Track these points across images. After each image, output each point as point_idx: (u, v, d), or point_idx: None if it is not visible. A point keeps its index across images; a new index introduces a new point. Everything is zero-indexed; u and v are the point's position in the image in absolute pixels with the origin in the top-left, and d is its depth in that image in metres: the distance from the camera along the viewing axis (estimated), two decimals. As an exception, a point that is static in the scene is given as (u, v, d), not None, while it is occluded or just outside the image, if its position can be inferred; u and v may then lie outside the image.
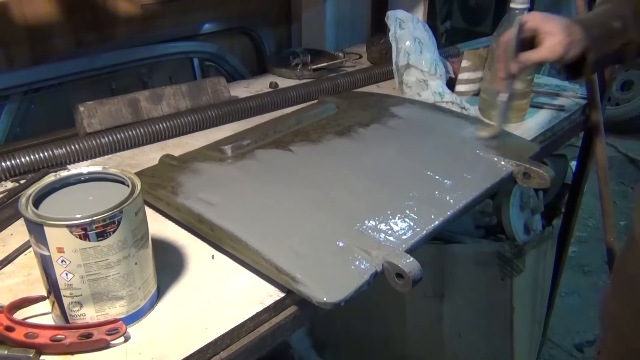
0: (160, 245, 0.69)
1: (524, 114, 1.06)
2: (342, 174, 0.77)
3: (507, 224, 1.27)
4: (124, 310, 0.55)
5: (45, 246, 0.50)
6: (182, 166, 0.79)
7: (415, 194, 0.74)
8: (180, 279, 0.63)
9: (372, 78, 1.22)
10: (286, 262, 0.60)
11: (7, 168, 0.81)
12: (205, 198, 0.70)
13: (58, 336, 0.53)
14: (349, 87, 1.17)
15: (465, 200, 0.74)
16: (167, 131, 0.95)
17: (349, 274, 0.59)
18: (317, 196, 0.72)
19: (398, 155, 0.83)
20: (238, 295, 0.61)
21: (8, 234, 0.72)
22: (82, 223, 0.49)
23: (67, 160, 0.86)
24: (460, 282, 1.27)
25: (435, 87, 1.08)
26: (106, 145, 0.90)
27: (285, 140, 0.86)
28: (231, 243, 0.64)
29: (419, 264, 0.59)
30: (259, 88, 1.18)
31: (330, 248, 0.63)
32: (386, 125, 0.92)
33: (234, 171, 0.78)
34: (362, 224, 0.67)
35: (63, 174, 0.57)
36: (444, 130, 0.92)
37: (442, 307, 1.30)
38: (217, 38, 1.31)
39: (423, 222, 0.69)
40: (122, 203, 0.52)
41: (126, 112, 0.94)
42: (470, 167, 0.81)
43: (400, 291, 0.60)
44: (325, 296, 0.56)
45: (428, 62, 1.08)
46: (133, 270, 0.55)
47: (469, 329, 1.31)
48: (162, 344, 0.54)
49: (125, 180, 0.56)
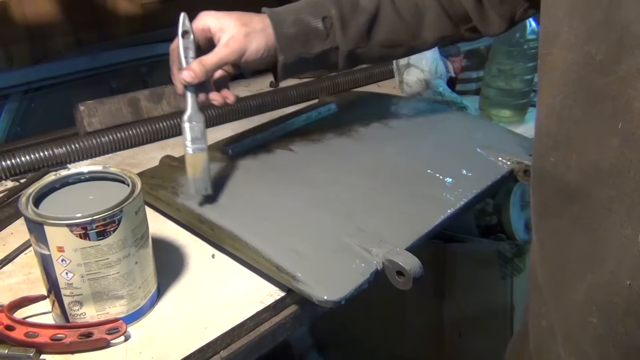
0: (160, 244, 0.69)
1: (524, 114, 1.06)
2: (342, 173, 0.77)
3: (508, 224, 1.27)
4: (124, 310, 0.55)
5: (46, 245, 0.50)
6: (183, 167, 0.79)
7: (415, 192, 0.74)
8: (180, 278, 0.63)
9: (372, 77, 1.22)
10: (286, 261, 0.60)
11: (7, 167, 0.82)
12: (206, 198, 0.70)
13: (58, 335, 0.53)
14: (350, 87, 1.17)
15: (466, 198, 0.74)
16: (167, 130, 0.95)
17: (349, 273, 0.59)
18: (317, 195, 0.72)
19: (398, 154, 0.83)
20: (238, 295, 0.61)
21: (8, 233, 0.72)
22: (83, 222, 0.49)
23: (67, 160, 0.86)
24: (460, 282, 1.27)
25: (436, 86, 1.08)
26: (106, 144, 0.90)
27: (286, 140, 0.86)
28: (231, 242, 0.64)
29: (419, 261, 0.59)
30: (259, 87, 1.18)
31: (331, 247, 0.63)
32: (386, 124, 0.92)
33: (234, 171, 0.78)
34: (362, 222, 0.67)
35: (63, 173, 0.57)
36: (444, 129, 0.92)
37: (442, 307, 1.30)
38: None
39: (424, 220, 0.69)
40: (123, 202, 0.52)
41: (126, 111, 0.94)
42: (470, 165, 0.81)
43: (401, 289, 0.60)
44: (326, 295, 0.56)
45: (428, 61, 1.08)
46: (133, 270, 0.55)
47: (469, 328, 1.31)
48: (162, 343, 0.54)
49: (126, 179, 0.56)
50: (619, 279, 0.42)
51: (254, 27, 0.68)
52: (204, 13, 0.68)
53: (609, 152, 0.41)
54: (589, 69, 0.41)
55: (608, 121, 0.40)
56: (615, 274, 0.42)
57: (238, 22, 0.67)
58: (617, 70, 0.39)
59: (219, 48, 0.67)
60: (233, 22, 0.67)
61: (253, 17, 0.69)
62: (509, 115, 1.05)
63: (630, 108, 0.38)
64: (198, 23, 0.67)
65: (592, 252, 0.44)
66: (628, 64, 0.38)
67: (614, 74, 0.39)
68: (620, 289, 0.42)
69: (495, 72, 1.03)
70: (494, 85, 1.04)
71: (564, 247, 0.48)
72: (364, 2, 0.72)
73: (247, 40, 0.67)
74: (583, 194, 0.44)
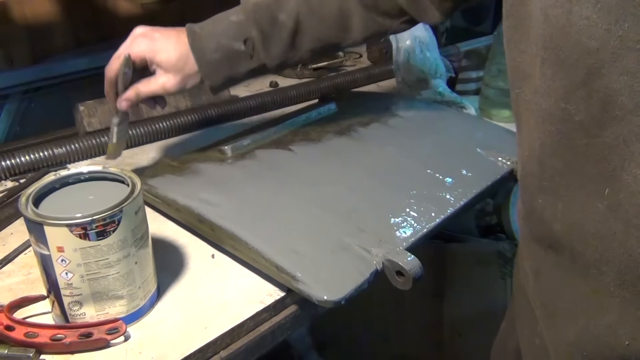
0: (160, 244, 0.69)
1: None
2: (342, 173, 0.77)
3: (508, 223, 1.27)
4: (124, 310, 0.55)
5: (45, 245, 0.50)
6: (182, 167, 0.79)
7: (415, 192, 0.74)
8: (180, 278, 0.63)
9: (372, 77, 1.21)
10: (286, 261, 0.60)
11: (7, 167, 0.81)
12: (206, 198, 0.70)
13: (58, 335, 0.53)
14: (349, 87, 1.17)
15: (466, 198, 0.74)
16: (167, 130, 0.95)
17: (349, 273, 0.59)
18: (317, 195, 0.72)
19: (398, 153, 0.83)
20: (238, 295, 0.61)
21: (8, 233, 0.72)
22: (82, 222, 0.49)
23: (67, 160, 0.86)
24: (460, 282, 1.27)
25: (436, 86, 1.08)
26: (106, 144, 0.89)
27: (285, 140, 0.86)
28: (231, 242, 0.64)
29: (419, 261, 0.59)
30: (259, 87, 1.17)
31: (331, 247, 0.63)
32: (386, 124, 0.92)
33: (234, 171, 0.78)
34: (362, 222, 0.67)
35: (63, 173, 0.57)
36: (444, 129, 0.92)
37: (442, 307, 1.30)
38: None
39: (423, 220, 0.69)
40: (122, 202, 0.52)
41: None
42: (470, 165, 0.81)
43: (401, 289, 0.60)
44: (326, 295, 0.56)
45: (428, 61, 1.08)
46: (133, 270, 0.55)
47: (469, 328, 1.30)
48: (162, 343, 0.54)
49: (125, 179, 0.56)
50: (617, 336, 0.39)
51: (189, 70, 0.69)
52: (138, 39, 0.69)
53: (594, 215, 0.38)
54: (567, 126, 0.37)
55: (593, 183, 0.37)
56: (614, 330, 0.40)
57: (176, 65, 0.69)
58: (602, 135, 0.35)
59: (154, 84, 0.70)
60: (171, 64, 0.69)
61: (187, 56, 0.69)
62: (509, 115, 1.05)
63: (618, 177, 0.35)
64: (135, 49, 0.69)
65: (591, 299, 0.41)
66: (614, 132, 0.34)
67: (598, 137, 0.36)
68: (616, 345, 0.40)
69: (495, 72, 1.03)
70: (494, 85, 1.04)
71: (558, 284, 0.45)
72: (282, 17, 0.70)
73: (183, 84, 0.71)
74: (570, 248, 0.41)
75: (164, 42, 0.69)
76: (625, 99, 0.33)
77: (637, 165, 0.34)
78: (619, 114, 0.34)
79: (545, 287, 0.48)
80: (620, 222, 0.36)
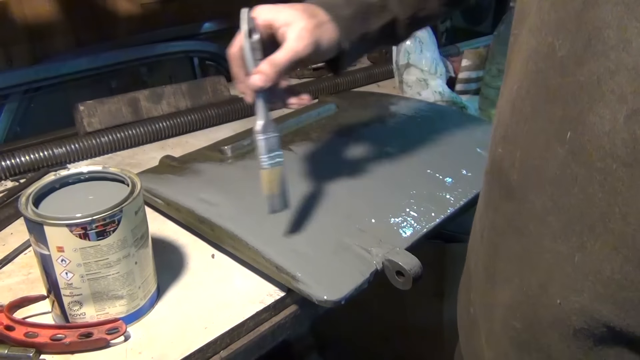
0: (160, 244, 0.69)
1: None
2: (342, 173, 0.77)
3: (508, 223, 1.27)
4: (124, 310, 0.55)
5: (45, 245, 0.50)
6: (182, 167, 0.79)
7: (415, 192, 0.74)
8: (180, 278, 0.63)
9: (372, 77, 1.22)
10: (286, 261, 0.60)
11: (7, 167, 0.82)
12: (206, 198, 0.70)
13: (58, 335, 0.53)
14: (349, 87, 1.17)
15: (466, 198, 0.74)
16: (167, 130, 0.95)
17: (349, 273, 0.59)
18: (316, 195, 0.72)
19: (398, 154, 0.83)
20: (238, 295, 0.61)
21: (8, 233, 0.72)
22: (82, 222, 0.49)
23: (67, 160, 0.86)
24: (460, 282, 1.27)
25: (436, 86, 1.08)
26: (106, 144, 0.90)
27: (285, 140, 0.86)
28: (231, 242, 0.64)
29: (419, 261, 0.59)
30: (259, 87, 1.17)
31: (331, 247, 0.63)
32: (386, 124, 0.92)
33: (234, 171, 0.78)
34: (362, 222, 0.67)
35: (63, 173, 0.57)
36: (444, 129, 0.92)
37: (442, 307, 1.30)
38: (217, 37, 1.31)
39: (423, 220, 0.69)
40: (122, 202, 0.52)
41: (126, 111, 0.94)
42: (470, 165, 0.81)
43: (401, 289, 0.60)
44: (326, 294, 0.56)
45: (428, 61, 1.08)
46: (133, 270, 0.55)
47: (469, 328, 1.30)
48: (162, 343, 0.54)
49: (125, 179, 0.56)
50: (549, 295, 0.39)
51: (322, 18, 0.60)
52: (259, 7, 0.60)
53: (553, 160, 0.37)
54: (548, 63, 0.37)
55: (556, 126, 0.37)
56: (545, 289, 0.40)
57: (304, 13, 0.59)
58: (577, 73, 0.35)
59: (290, 42, 0.58)
60: (299, 14, 0.59)
61: (312, 6, 0.61)
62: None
63: (582, 119, 0.35)
64: (258, 14, 0.59)
65: (522, 258, 0.42)
66: (590, 69, 0.34)
67: (572, 76, 0.35)
68: (548, 304, 0.39)
69: (495, 72, 1.03)
70: (494, 85, 1.04)
71: (498, 243, 0.45)
72: None
73: (319, 32, 0.59)
74: (521, 196, 0.41)
75: (287, 6, 0.61)
76: (612, 32, 0.33)
77: (605, 104, 0.34)
78: (600, 49, 0.34)
79: (488, 248, 0.48)
80: (582, 167, 0.35)
